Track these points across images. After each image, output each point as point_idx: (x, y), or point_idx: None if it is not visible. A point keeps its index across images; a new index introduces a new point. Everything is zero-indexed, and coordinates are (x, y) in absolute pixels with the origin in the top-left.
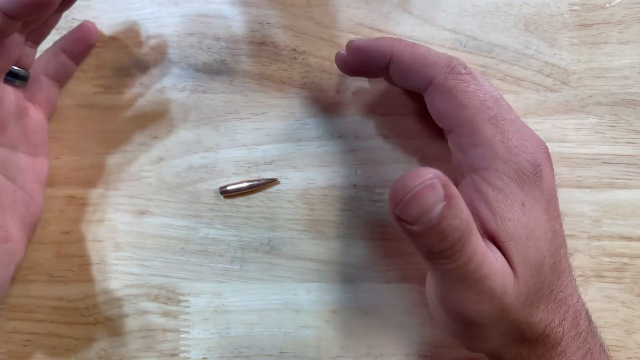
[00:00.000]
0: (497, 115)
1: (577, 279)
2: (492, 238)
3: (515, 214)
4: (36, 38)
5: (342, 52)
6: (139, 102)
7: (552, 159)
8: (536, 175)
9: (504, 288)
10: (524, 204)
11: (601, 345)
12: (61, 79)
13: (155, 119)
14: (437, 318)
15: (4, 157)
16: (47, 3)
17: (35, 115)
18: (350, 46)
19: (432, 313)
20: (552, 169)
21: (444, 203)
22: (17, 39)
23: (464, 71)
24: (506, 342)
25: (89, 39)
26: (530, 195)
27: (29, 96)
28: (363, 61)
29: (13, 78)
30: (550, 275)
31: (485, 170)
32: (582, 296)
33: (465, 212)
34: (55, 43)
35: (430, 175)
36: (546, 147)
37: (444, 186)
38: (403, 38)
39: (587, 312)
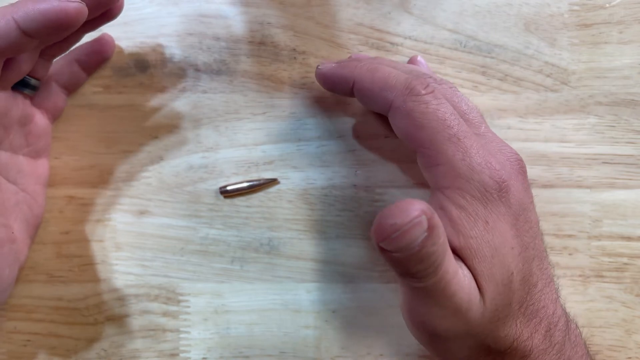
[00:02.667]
0: (457, 133)
1: (577, 278)
2: (458, 255)
3: (478, 232)
4: (54, 52)
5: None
6: (139, 102)
7: (553, 159)
8: (501, 191)
9: (470, 304)
10: (487, 222)
11: (585, 354)
12: (71, 88)
13: (155, 119)
14: (408, 327)
15: (5, 160)
16: (67, 25)
17: (41, 121)
18: (317, 72)
19: (405, 322)
20: (523, 180)
21: (425, 234)
22: (31, 54)
23: (423, 91)
24: (473, 355)
25: (105, 52)
26: (494, 213)
27: (37, 102)
28: (330, 87)
29: (23, 87)
30: (520, 290)
31: (448, 189)
32: (581, 296)
33: (442, 238)
34: (70, 52)
35: (417, 213)
36: (518, 160)
37: (429, 219)
38: (370, 56)
39: (567, 322)
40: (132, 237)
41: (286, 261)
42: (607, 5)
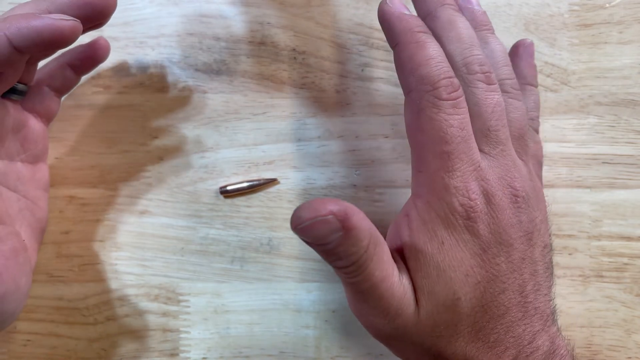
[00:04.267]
0: (451, 150)
1: (577, 278)
2: (405, 263)
3: (430, 249)
4: (39, 57)
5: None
6: (139, 102)
7: (553, 159)
8: (468, 220)
9: (400, 311)
10: (443, 243)
11: None
12: (63, 91)
13: (155, 119)
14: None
15: (3, 169)
16: (61, 43)
17: (35, 125)
18: (379, 7)
19: None
20: (516, 214)
21: (340, 233)
22: (20, 65)
23: (445, 95)
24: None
25: (99, 57)
26: (454, 237)
27: (29, 107)
28: (382, 27)
29: (10, 93)
30: (473, 316)
31: (419, 198)
32: (581, 296)
33: (365, 241)
34: (63, 56)
35: (324, 212)
36: (520, 194)
37: (343, 220)
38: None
39: (551, 354)
40: (132, 237)
41: (286, 261)
42: (607, 5)
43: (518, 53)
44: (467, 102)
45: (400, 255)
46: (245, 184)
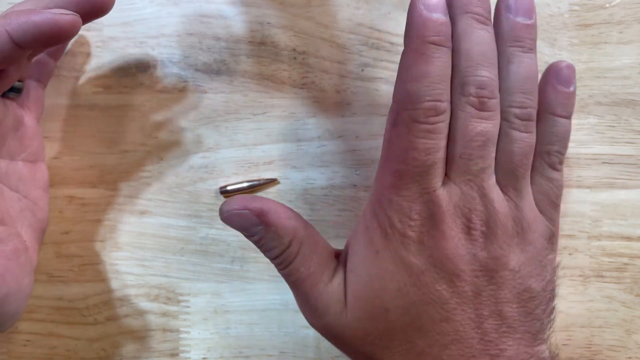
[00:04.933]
0: (407, 173)
1: (577, 278)
2: (345, 263)
3: (364, 255)
4: (35, 53)
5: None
6: (139, 102)
7: None
8: (405, 237)
9: (327, 310)
10: (377, 252)
11: None
12: (44, 80)
13: (156, 119)
14: None
15: (5, 168)
16: (61, 38)
17: (30, 121)
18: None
19: None
20: (460, 246)
21: (260, 227)
22: (22, 64)
23: (421, 119)
24: None
25: (68, 34)
26: (389, 250)
27: (21, 103)
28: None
29: (9, 91)
30: (407, 335)
31: (370, 204)
32: (581, 296)
33: (286, 239)
34: None
35: (239, 207)
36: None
37: (259, 216)
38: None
39: None
40: (132, 237)
41: None
42: (607, 5)
43: (545, 77)
44: (451, 124)
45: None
46: (245, 184)
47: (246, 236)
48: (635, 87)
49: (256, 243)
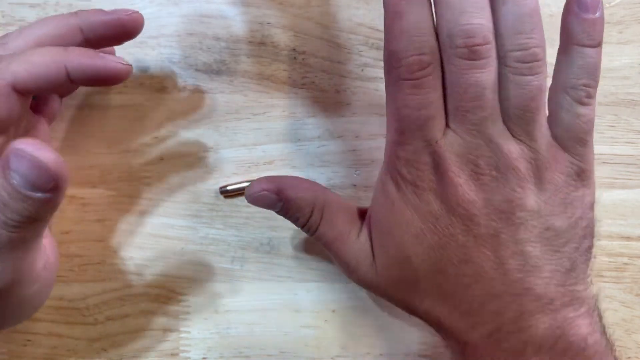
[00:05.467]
0: (405, 129)
1: None
2: (369, 220)
3: (383, 208)
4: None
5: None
6: (139, 102)
7: None
8: (416, 187)
9: (358, 264)
10: (394, 203)
11: None
12: (65, 94)
13: (155, 119)
14: None
15: None
16: (113, 82)
17: (43, 126)
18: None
19: None
20: (470, 191)
21: (281, 203)
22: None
23: (406, 75)
24: (410, 312)
25: (119, 80)
26: (403, 200)
27: (36, 108)
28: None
29: None
30: (432, 279)
31: (385, 161)
32: None
33: (307, 209)
34: None
35: (256, 189)
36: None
37: (278, 193)
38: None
39: (550, 337)
40: (133, 237)
41: (286, 261)
42: (607, 5)
43: (566, 6)
44: (445, 78)
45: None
46: (245, 184)
47: (276, 213)
48: (635, 87)
49: (284, 216)
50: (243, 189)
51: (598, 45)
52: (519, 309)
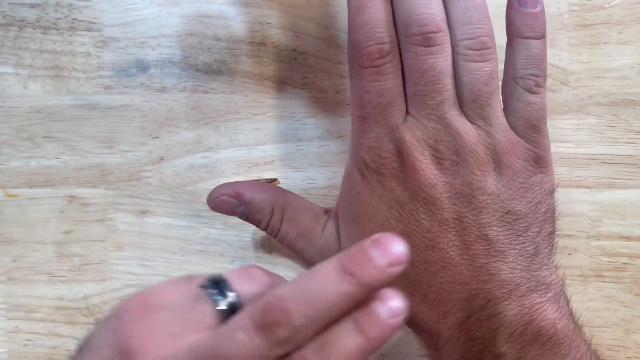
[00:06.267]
0: (366, 116)
1: (577, 278)
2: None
3: (349, 197)
4: None
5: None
6: (139, 102)
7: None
8: (379, 175)
9: (324, 259)
10: (359, 193)
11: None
12: None
13: (156, 119)
14: None
15: None
16: None
17: None
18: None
19: None
20: (431, 175)
21: (242, 206)
22: None
23: (368, 64)
24: None
25: None
26: (367, 189)
27: None
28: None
29: None
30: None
31: (350, 151)
32: (580, 296)
33: (267, 209)
34: None
35: (217, 195)
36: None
37: (236, 196)
38: None
39: (519, 323)
40: (133, 237)
41: (286, 261)
42: (607, 5)
43: (508, 2)
44: (403, 64)
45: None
46: None
47: (239, 217)
48: (635, 87)
49: (246, 220)
50: None
51: (541, 37)
52: (486, 296)
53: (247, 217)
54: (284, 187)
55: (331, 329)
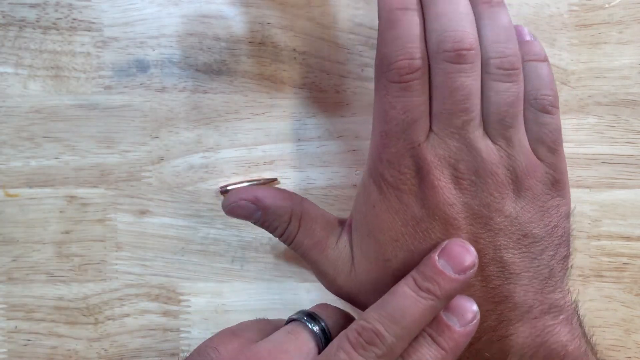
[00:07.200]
0: (389, 131)
1: (577, 278)
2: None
3: (364, 209)
4: None
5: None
6: (139, 102)
7: None
8: (397, 190)
9: (337, 271)
10: (374, 206)
11: None
12: None
13: (155, 119)
14: None
15: None
16: None
17: None
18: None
19: None
20: (450, 195)
21: (259, 212)
22: None
23: (396, 78)
24: None
25: None
26: (384, 203)
27: None
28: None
29: None
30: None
31: (368, 164)
32: (579, 296)
33: (285, 216)
34: None
35: (234, 199)
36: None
37: (255, 202)
38: None
39: (531, 346)
40: (133, 237)
41: (286, 261)
42: (607, 5)
43: None
44: (431, 82)
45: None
46: (245, 184)
47: (253, 223)
48: (635, 87)
49: (261, 226)
50: None
51: (545, 59)
52: (499, 317)
53: (263, 223)
54: (285, 187)
55: (412, 345)
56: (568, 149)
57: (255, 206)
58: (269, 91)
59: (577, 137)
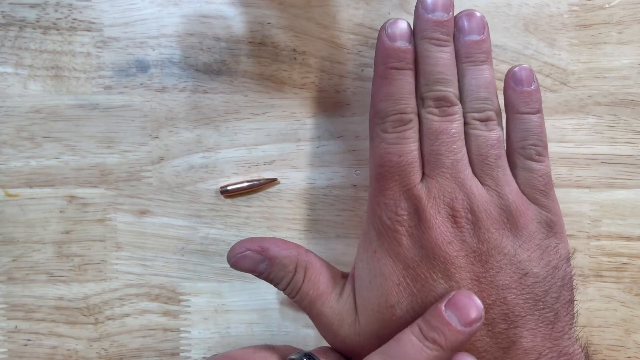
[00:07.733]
0: (386, 174)
1: (577, 278)
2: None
3: (365, 257)
4: None
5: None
6: (139, 102)
7: (552, 160)
8: (395, 232)
9: (341, 323)
10: (375, 252)
11: None
12: None
13: (155, 119)
14: None
15: None
16: None
17: None
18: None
19: None
20: (448, 233)
21: (266, 262)
22: None
23: (390, 130)
24: None
25: None
26: (384, 248)
27: None
28: None
29: None
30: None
31: (367, 210)
32: (579, 296)
33: (291, 266)
34: None
35: (240, 250)
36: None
37: (261, 252)
38: None
39: None
40: (133, 237)
41: None
42: (607, 5)
43: (505, 82)
44: (420, 131)
45: None
46: (245, 184)
47: (256, 276)
48: (635, 87)
49: (266, 278)
50: (243, 188)
51: (537, 112)
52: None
53: (269, 275)
54: (285, 187)
55: None
56: (568, 149)
57: (261, 256)
58: (269, 91)
59: (577, 137)
